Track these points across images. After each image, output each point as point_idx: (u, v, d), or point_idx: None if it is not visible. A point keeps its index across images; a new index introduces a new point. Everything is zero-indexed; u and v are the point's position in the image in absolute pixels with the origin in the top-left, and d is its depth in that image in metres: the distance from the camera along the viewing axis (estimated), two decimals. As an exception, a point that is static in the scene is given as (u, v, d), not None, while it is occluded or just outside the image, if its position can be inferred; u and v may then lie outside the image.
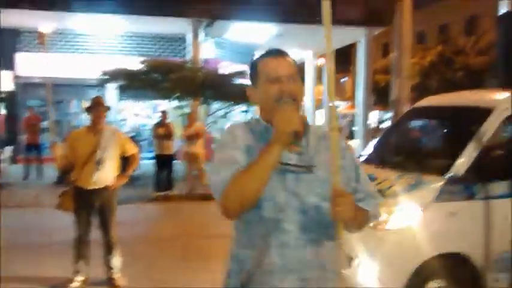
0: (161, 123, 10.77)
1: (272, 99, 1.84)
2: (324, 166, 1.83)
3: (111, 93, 15.73)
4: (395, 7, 11.89)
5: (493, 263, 4.09)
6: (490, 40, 15.88)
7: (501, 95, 4.61)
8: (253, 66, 1.95)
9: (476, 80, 14.99)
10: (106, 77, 12.40)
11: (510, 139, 4.45)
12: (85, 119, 14.96)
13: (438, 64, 16.40)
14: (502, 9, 5.30)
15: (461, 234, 4.09)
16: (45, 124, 13.28)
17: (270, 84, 1.85)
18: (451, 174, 4.11)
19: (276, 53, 1.91)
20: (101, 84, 13.15)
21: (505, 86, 4.88)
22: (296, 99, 1.83)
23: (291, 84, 1.84)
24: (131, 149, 5.24)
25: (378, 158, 5.13)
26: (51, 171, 11.18)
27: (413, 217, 4.05)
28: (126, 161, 5.26)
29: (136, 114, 17.71)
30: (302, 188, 1.80)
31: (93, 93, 16.26)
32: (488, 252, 4.08)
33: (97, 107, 5.03)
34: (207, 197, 10.29)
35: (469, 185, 4.11)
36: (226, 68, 15.17)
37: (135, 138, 11.05)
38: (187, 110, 12.21)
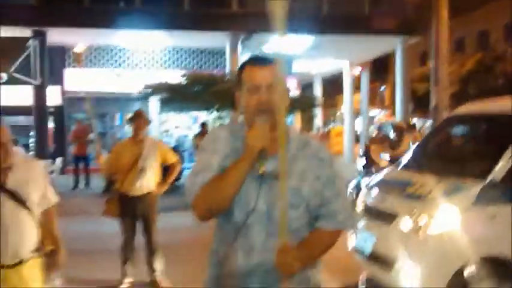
0: (202, 134, 11.08)
1: (250, 109, 1.86)
2: (297, 175, 1.87)
3: (153, 106, 16.27)
4: (431, 16, 11.90)
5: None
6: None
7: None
8: (239, 71, 1.95)
9: (517, 87, 14.72)
10: (149, 90, 12.89)
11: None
12: (128, 131, 15.56)
13: (477, 72, 16.19)
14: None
15: (502, 237, 4.16)
16: (92, 136, 13.89)
17: (250, 93, 1.86)
18: (491, 178, 4.20)
19: (259, 62, 1.92)
20: (144, 97, 13.66)
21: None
22: (274, 110, 1.81)
23: (269, 95, 1.83)
24: (171, 158, 5.53)
25: (416, 164, 5.23)
26: (98, 181, 11.65)
27: (453, 221, 4.15)
28: (167, 170, 5.55)
29: (177, 126, 18.19)
30: (272, 196, 1.84)
31: (136, 106, 16.91)
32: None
33: (138, 119, 5.37)
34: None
35: (509, 189, 4.19)
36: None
37: (177, 149, 11.41)
38: (227, 121, 12.54)
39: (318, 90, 23.35)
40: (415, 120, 17.68)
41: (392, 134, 9.39)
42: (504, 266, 4.12)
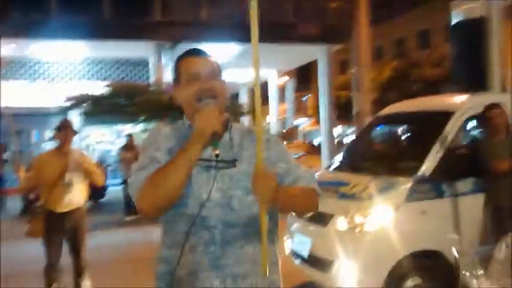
0: (128, 147, 10.68)
1: (193, 98, 1.82)
2: (247, 160, 1.81)
3: (74, 120, 15.50)
4: (352, 24, 12.29)
5: (466, 258, 4.27)
6: (443, 52, 16.59)
7: (461, 98, 4.89)
8: (175, 66, 1.92)
9: (432, 91, 15.56)
10: (70, 102, 12.27)
11: (473, 139, 4.69)
12: (46, 148, 14.75)
13: (395, 78, 16.97)
14: (455, 20, 5.58)
15: (433, 231, 4.26)
16: (6, 155, 12.98)
17: (190, 82, 1.83)
18: (419, 174, 4.29)
19: (195, 53, 1.91)
20: (65, 110, 12.97)
21: (460, 91, 5.16)
22: (217, 98, 1.82)
23: (211, 82, 1.83)
24: (97, 175, 5.16)
25: (349, 165, 5.29)
26: (15, 203, 10.85)
27: (386, 218, 4.20)
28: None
29: (99, 142, 17.49)
30: (225, 183, 1.77)
31: (55, 122, 16.07)
32: (459, 247, 4.26)
33: (65, 130, 5.01)
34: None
35: (437, 184, 4.30)
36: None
37: (100, 165, 10.93)
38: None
39: (244, 100, 23.44)
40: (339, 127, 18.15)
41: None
42: (436, 260, 4.22)
